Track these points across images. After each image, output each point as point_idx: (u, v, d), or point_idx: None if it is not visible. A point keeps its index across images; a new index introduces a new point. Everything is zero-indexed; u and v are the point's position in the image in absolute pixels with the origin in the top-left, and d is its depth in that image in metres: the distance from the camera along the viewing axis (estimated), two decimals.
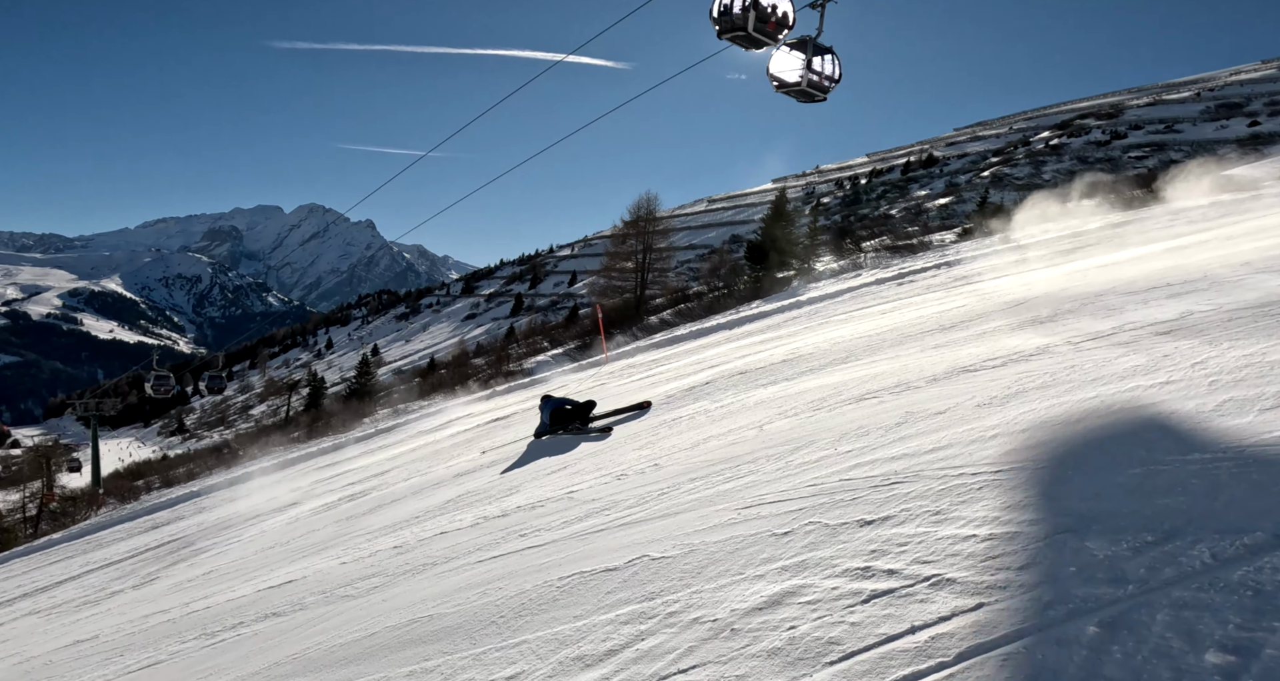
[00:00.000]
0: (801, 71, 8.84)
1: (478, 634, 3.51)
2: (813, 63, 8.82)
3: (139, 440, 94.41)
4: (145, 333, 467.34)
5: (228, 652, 4.88)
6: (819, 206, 69.10)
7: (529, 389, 17.45)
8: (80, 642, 6.73)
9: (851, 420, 5.16)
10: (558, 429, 9.09)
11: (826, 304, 15.79)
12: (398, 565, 5.58)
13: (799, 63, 8.82)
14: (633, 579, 3.47)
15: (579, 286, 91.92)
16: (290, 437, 29.31)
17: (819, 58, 8.87)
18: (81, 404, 35.69)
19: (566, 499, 5.75)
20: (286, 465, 17.87)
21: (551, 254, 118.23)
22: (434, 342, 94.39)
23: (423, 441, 14.29)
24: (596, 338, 24.42)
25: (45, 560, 14.76)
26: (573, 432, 8.86)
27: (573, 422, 8.99)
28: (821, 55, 8.90)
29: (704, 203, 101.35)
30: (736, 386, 8.70)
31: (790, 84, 9.01)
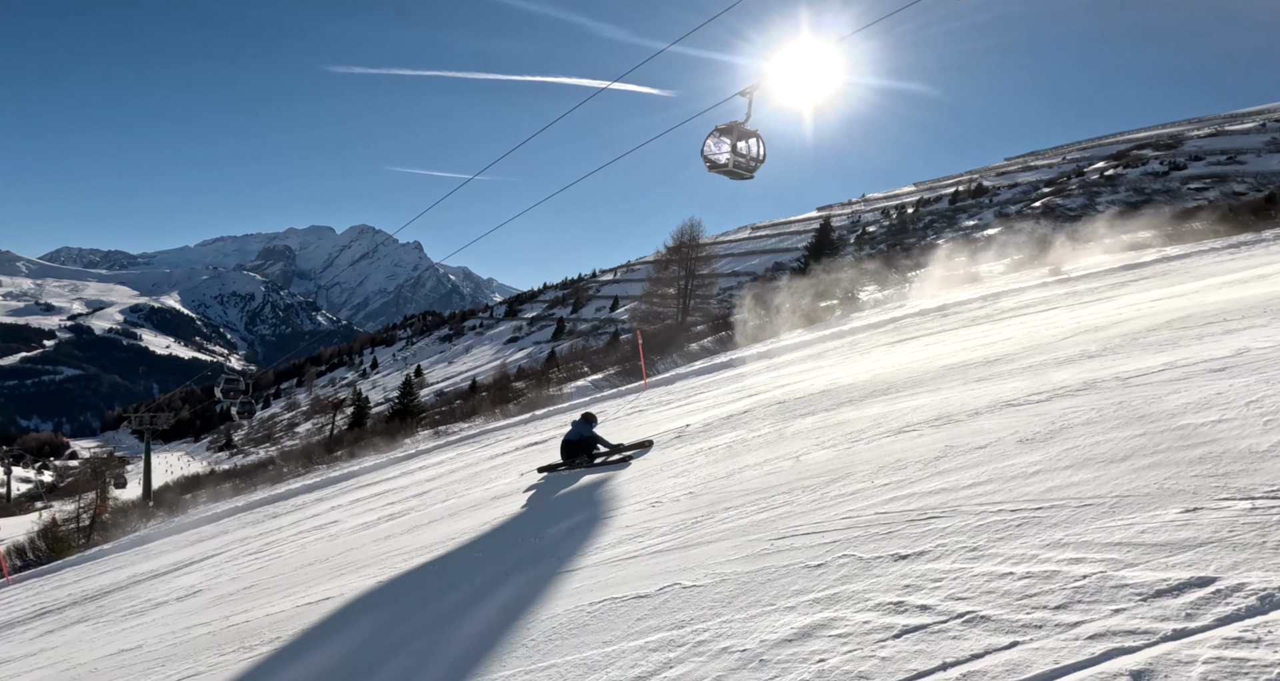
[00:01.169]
0: (728, 155, 9.73)
1: (507, 656, 3.54)
2: (738, 146, 9.73)
3: (189, 454, 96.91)
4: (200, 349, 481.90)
5: (265, 666, 4.96)
6: (864, 235, 68.60)
7: (568, 414, 17.53)
8: (125, 651, 6.89)
9: (889, 453, 5.11)
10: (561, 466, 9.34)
11: (868, 334, 15.64)
12: (432, 585, 5.63)
13: (726, 146, 9.73)
14: (663, 606, 3.47)
15: (620, 311, 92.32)
16: (333, 456, 29.83)
17: (744, 142, 9.78)
18: (137, 417, 36.85)
19: (601, 523, 5.77)
20: (328, 483, 18.17)
21: (594, 278, 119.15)
22: (476, 365, 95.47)
23: (461, 463, 14.43)
24: (636, 363, 24.49)
25: (96, 569, 15.19)
26: (579, 467, 9.09)
27: (578, 457, 9.26)
28: (746, 139, 9.80)
29: (747, 230, 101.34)
30: (774, 416, 8.65)
31: (719, 164, 9.88)
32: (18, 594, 14.60)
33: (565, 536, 5.80)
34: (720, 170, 9.95)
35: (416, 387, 63.39)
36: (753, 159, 9.94)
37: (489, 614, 4.34)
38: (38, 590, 14.44)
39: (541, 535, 6.12)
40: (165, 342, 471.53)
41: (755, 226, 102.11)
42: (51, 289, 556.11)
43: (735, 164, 9.80)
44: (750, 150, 9.85)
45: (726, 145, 9.75)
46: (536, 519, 6.97)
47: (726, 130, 9.74)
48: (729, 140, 9.73)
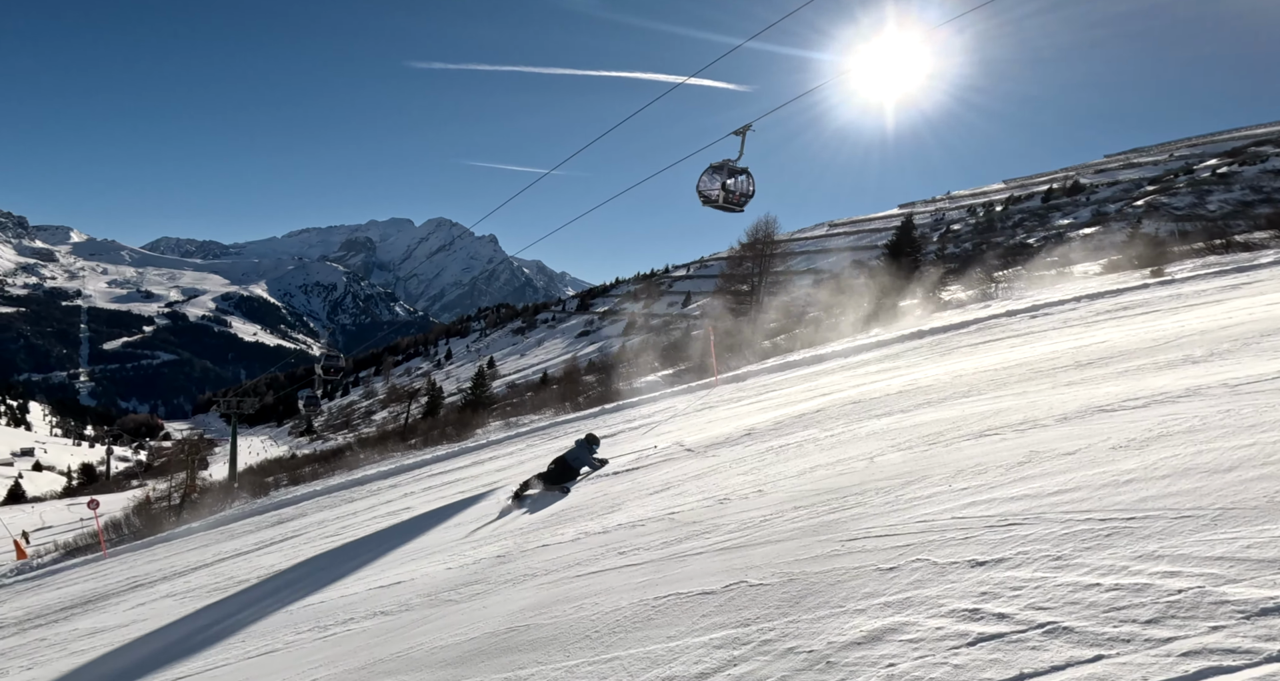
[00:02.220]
0: (718, 191, 10.63)
1: (571, 647, 3.58)
2: (727, 183, 10.59)
3: (271, 438, 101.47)
4: (284, 337, 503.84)
5: (337, 646, 5.15)
6: (948, 233, 66.45)
7: (637, 408, 17.62)
8: (208, 625, 7.28)
9: (969, 456, 4.95)
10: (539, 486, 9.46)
11: (951, 335, 15.19)
12: (499, 574, 5.75)
13: (718, 182, 10.62)
14: (729, 604, 3.46)
15: (693, 307, 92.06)
16: (407, 444, 30.72)
17: (733, 178, 10.62)
18: (225, 402, 38.75)
19: (667, 519, 5.78)
20: (402, 471, 18.74)
21: (667, 274, 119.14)
22: (547, 357, 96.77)
23: (531, 455, 14.68)
24: (707, 359, 24.38)
25: (184, 547, 16.07)
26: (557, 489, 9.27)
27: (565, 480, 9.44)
28: (736, 176, 10.63)
29: (825, 227, 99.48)
30: (848, 415, 8.50)
31: (711, 199, 10.76)
32: (113, 567, 15.57)
33: (631, 529, 5.83)
34: (712, 204, 10.79)
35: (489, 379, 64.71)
36: (742, 194, 10.75)
37: (554, 604, 4.40)
38: (131, 564, 15.38)
39: (606, 528, 6.17)
40: (253, 330, 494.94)
41: (833, 223, 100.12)
42: (151, 277, 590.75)
43: (726, 198, 10.65)
44: (739, 186, 10.66)
45: (718, 182, 10.59)
46: (602, 511, 7.03)
47: (719, 168, 10.58)
48: (720, 177, 10.56)
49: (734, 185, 10.65)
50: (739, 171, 10.64)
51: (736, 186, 10.68)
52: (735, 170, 10.61)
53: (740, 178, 10.69)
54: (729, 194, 10.66)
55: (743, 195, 10.82)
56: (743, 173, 10.69)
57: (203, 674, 5.40)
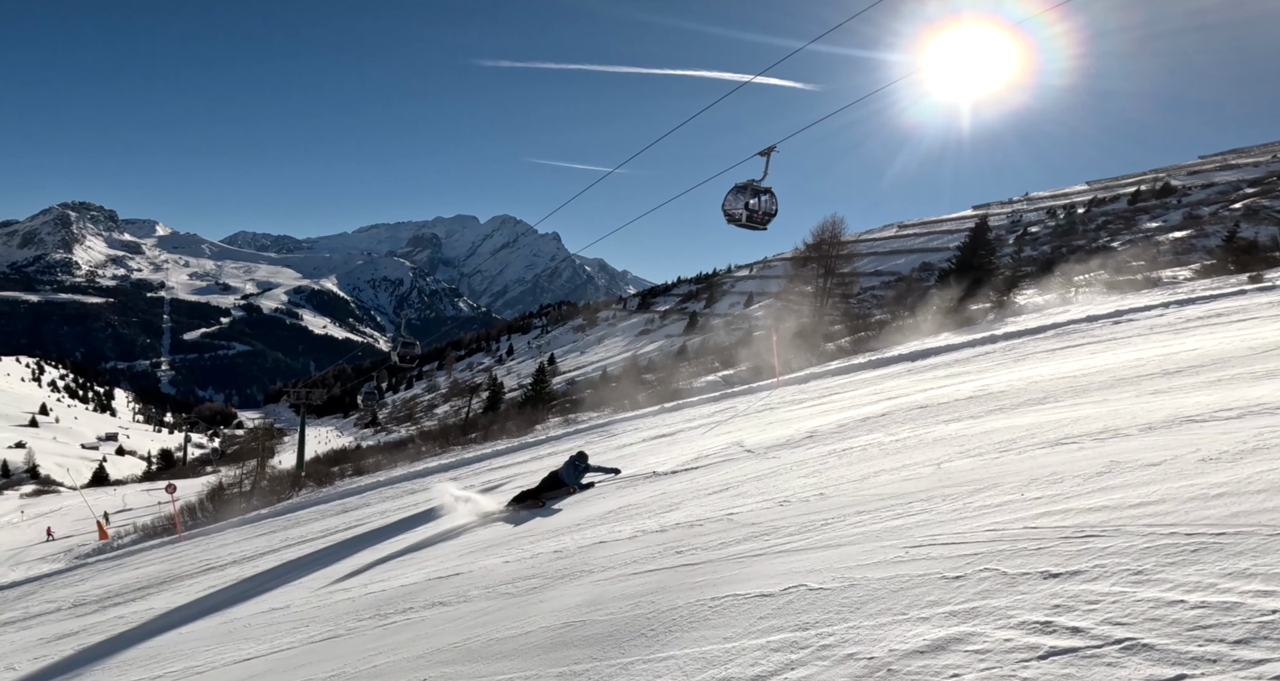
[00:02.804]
0: (742, 210, 11.07)
1: (627, 644, 3.59)
2: (750, 203, 11.02)
3: (338, 429, 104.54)
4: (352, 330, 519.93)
5: (397, 634, 5.28)
6: (1025, 236, 64.19)
7: (696, 407, 17.58)
8: (274, 610, 7.53)
9: (1043, 465, 4.78)
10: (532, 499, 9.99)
11: (1026, 340, 14.71)
12: (556, 569, 5.81)
13: (741, 202, 11.06)
14: (787, 607, 3.42)
15: (755, 308, 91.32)
16: (468, 438, 31.29)
17: (756, 198, 11.05)
18: (295, 392, 40.16)
19: (726, 520, 5.75)
20: (462, 464, 19.10)
21: (729, 273, 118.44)
22: (607, 355, 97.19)
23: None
24: (769, 360, 24.16)
25: (254, 532, 16.70)
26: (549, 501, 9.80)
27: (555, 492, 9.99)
28: (759, 196, 11.07)
29: (894, 228, 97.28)
30: (915, 420, 8.31)
31: (735, 218, 11.23)
32: (188, 549, 16.28)
33: (688, 529, 5.82)
34: (736, 223, 11.30)
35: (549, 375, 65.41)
36: (765, 213, 11.23)
37: (610, 601, 4.42)
38: (204, 547, 16.05)
39: (664, 527, 6.17)
40: (322, 323, 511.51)
41: (902, 225, 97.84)
42: (229, 270, 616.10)
43: (749, 217, 11.15)
44: (762, 206, 11.13)
45: (742, 201, 11.07)
46: (660, 510, 7.03)
47: (743, 188, 11.06)
48: (744, 197, 11.05)
49: (756, 204, 11.09)
50: (762, 191, 11.10)
51: (759, 206, 11.12)
52: (759, 190, 11.07)
53: (764, 197, 11.14)
54: (752, 213, 11.13)
55: (766, 214, 11.28)
56: (766, 192, 11.14)
57: (268, 656, 5.59)
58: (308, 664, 5.03)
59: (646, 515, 7.00)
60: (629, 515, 7.29)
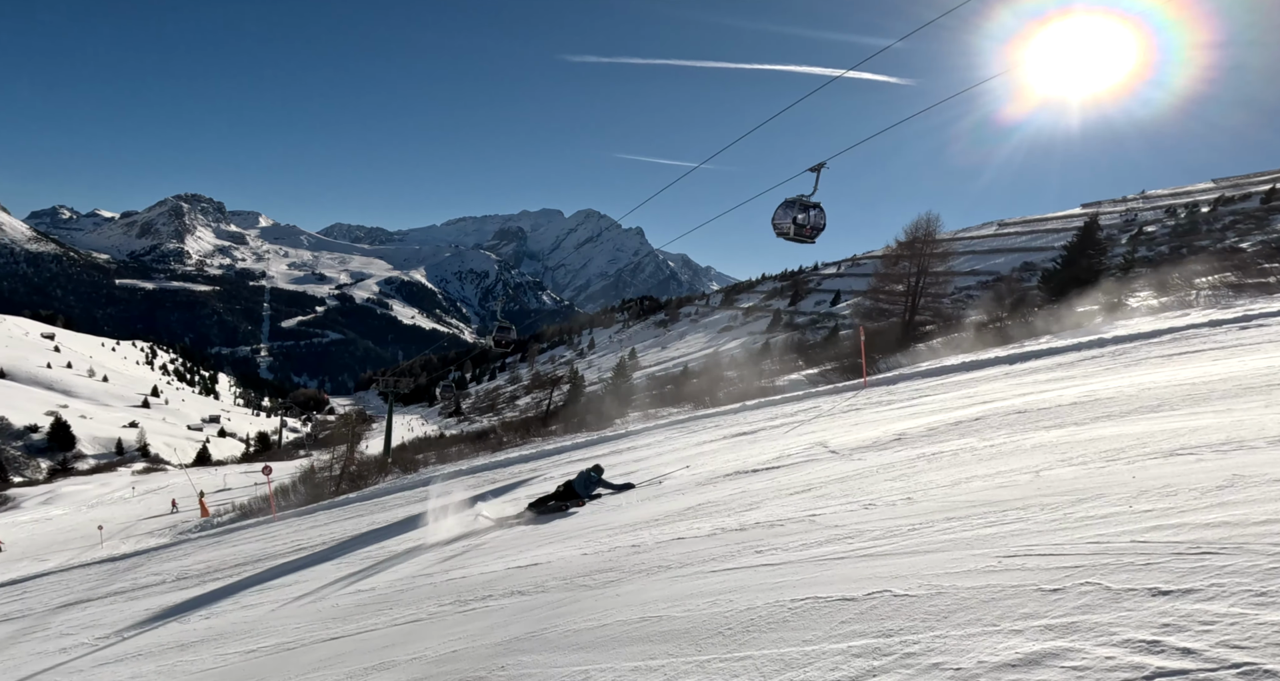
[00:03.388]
0: (790, 224, 11.53)
1: (703, 642, 3.57)
2: (798, 218, 11.48)
3: (423, 417, 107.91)
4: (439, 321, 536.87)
5: (476, 621, 5.40)
6: (1140, 235, 60.65)
7: (778, 406, 17.36)
8: (361, 592, 7.82)
9: (1156, 476, 4.51)
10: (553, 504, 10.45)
11: (1139, 345, 13.92)
12: (633, 563, 5.83)
13: (790, 217, 11.53)
14: (870, 612, 3.33)
15: (842, 306, 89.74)
16: (548, 430, 31.80)
17: (805, 213, 11.51)
18: (383, 381, 41.63)
19: (808, 521, 5.66)
20: (542, 456, 19.43)
21: (816, 271, 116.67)
22: (689, 351, 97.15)
23: (669, 448, 14.80)
24: (856, 360, 23.65)
25: (342, 515, 17.40)
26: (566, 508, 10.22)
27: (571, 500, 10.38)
28: (808, 211, 11.53)
29: (993, 226, 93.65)
30: (1012, 426, 7.98)
31: (784, 232, 11.64)
32: (281, 530, 17.10)
33: (768, 529, 5.75)
34: (785, 236, 11.71)
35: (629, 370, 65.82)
36: (813, 227, 11.66)
37: (687, 598, 4.41)
38: (296, 528, 16.82)
39: (744, 526, 6.12)
40: (411, 313, 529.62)
41: (1003, 223, 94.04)
42: (325, 260, 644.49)
43: (797, 232, 11.58)
44: (810, 220, 11.59)
45: (790, 216, 11.56)
46: (740, 508, 6.98)
47: (792, 203, 11.54)
48: (792, 212, 11.53)
49: (804, 219, 11.56)
50: (811, 206, 11.57)
51: (807, 220, 11.59)
52: (807, 205, 11.53)
53: (812, 212, 11.62)
54: (799, 227, 11.59)
55: (814, 228, 11.72)
56: (814, 207, 11.61)
57: (354, 636, 5.81)
58: (391, 645, 5.20)
59: (726, 513, 6.96)
60: (708, 512, 7.26)
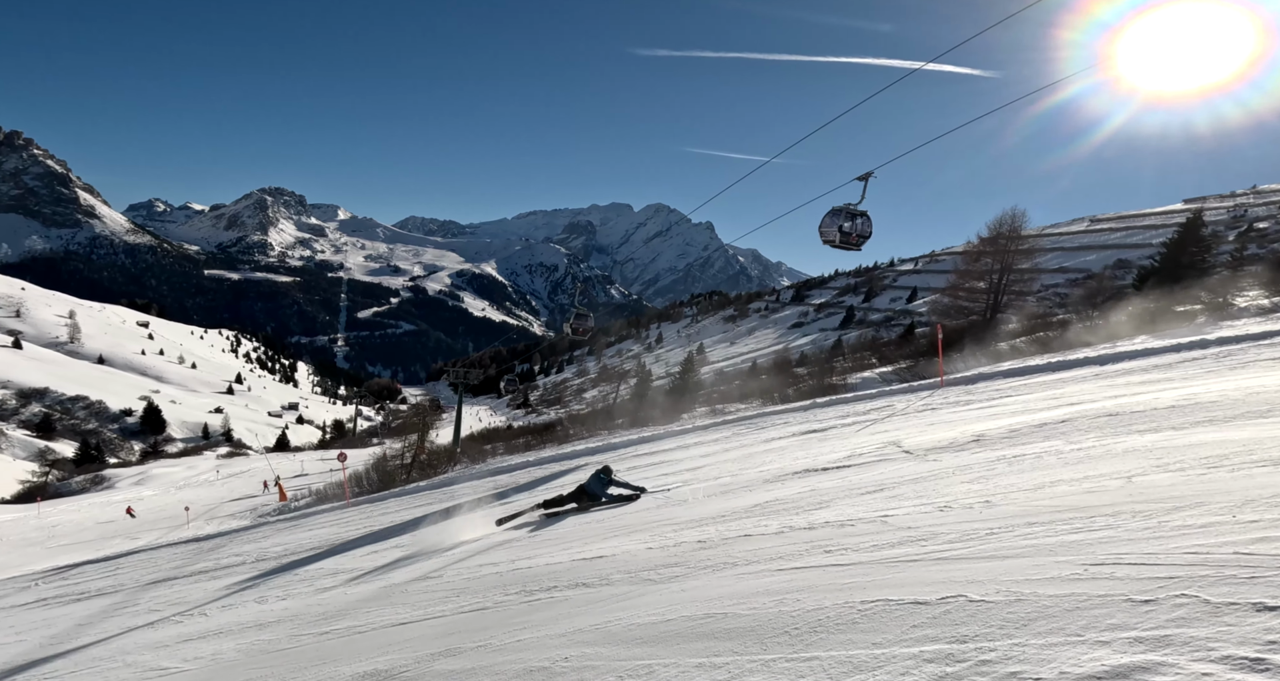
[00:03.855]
0: (835, 232, 11.87)
1: (769, 640, 3.53)
2: (844, 226, 11.81)
3: (491, 409, 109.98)
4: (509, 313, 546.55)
5: (540, 611, 5.46)
6: (1250, 232, 57.22)
7: (850, 404, 17.05)
8: (429, 578, 8.00)
9: (1263, 485, 4.25)
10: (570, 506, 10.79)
11: (1246, 346, 13.15)
12: (699, 559, 5.81)
13: (836, 225, 11.85)
14: (944, 617, 3.23)
15: (918, 303, 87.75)
16: (615, 423, 31.99)
17: (851, 221, 11.81)
18: (454, 371, 42.49)
19: (879, 522, 5.54)
20: (608, 449, 19.54)
21: (891, 267, 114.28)
22: (758, 347, 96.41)
23: (737, 444, 14.71)
24: (933, 359, 23.05)
25: (412, 502, 17.87)
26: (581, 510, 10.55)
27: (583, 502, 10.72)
28: (854, 219, 11.83)
29: (1085, 222, 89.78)
30: (1102, 429, 7.65)
31: (830, 240, 11.97)
32: (354, 515, 17.64)
33: (838, 529, 5.65)
34: (831, 244, 12.03)
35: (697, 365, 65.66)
36: (859, 235, 11.98)
37: (753, 596, 4.37)
38: (368, 514, 17.33)
39: (813, 525, 6.03)
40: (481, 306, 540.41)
41: (1095, 218, 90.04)
42: (399, 253, 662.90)
43: (843, 240, 11.90)
44: (857, 228, 11.89)
45: (836, 224, 11.89)
46: (809, 507, 6.88)
47: (839, 211, 11.86)
48: (839, 220, 11.85)
49: (850, 227, 11.88)
50: (857, 214, 11.87)
51: (854, 228, 11.91)
52: (854, 213, 11.84)
53: (859, 220, 11.91)
54: (845, 235, 11.91)
55: (860, 236, 12.03)
56: (861, 215, 11.90)
57: (422, 622, 5.94)
58: (457, 632, 5.30)
59: (794, 511, 6.87)
60: (775, 510, 7.18)
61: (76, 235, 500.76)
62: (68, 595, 13.11)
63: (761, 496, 8.17)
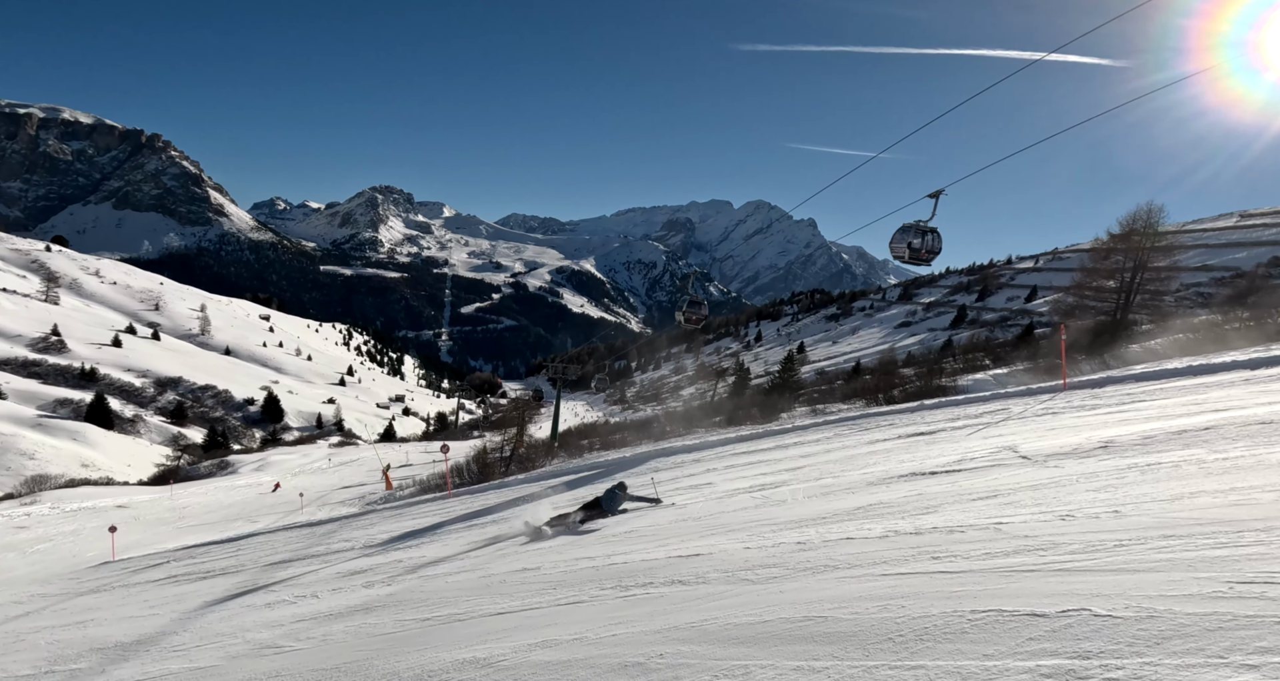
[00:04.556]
0: (904, 248, 12.32)
1: (871, 646, 3.42)
2: (913, 242, 12.23)
3: (588, 404, 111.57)
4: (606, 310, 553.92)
5: (636, 607, 5.47)
6: None
7: (961, 407, 16.40)
8: (526, 570, 8.14)
9: None
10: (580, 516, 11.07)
11: None
12: (798, 561, 5.70)
13: (906, 241, 12.30)
14: (1065, 631, 3.05)
15: (1038, 302, 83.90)
16: (712, 421, 31.86)
17: (920, 237, 12.23)
18: (552, 367, 43.23)
19: (992, 529, 5.29)
20: (705, 447, 19.45)
21: (1009, 265, 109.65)
22: (861, 347, 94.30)
23: (839, 445, 14.38)
24: (1054, 361, 21.92)
25: (510, 495, 18.28)
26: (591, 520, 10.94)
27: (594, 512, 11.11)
28: (924, 235, 12.23)
29: (1234, 217, 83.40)
30: (1253, 437, 7.07)
31: (900, 255, 12.45)
32: (455, 506, 18.21)
33: (947, 535, 5.43)
34: (901, 260, 12.52)
35: (797, 364, 64.71)
36: (929, 251, 12.38)
37: (855, 600, 4.25)
38: (468, 505, 17.84)
39: (919, 530, 5.82)
40: (580, 302, 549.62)
41: (1246, 213, 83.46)
42: (501, 250, 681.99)
43: (911, 255, 12.35)
44: (926, 244, 12.29)
45: (906, 241, 12.35)
46: (916, 511, 6.65)
47: (909, 228, 12.31)
48: (908, 237, 12.30)
49: (920, 244, 12.31)
50: (927, 231, 12.30)
51: (923, 244, 12.33)
52: (924, 230, 12.28)
53: (928, 236, 12.34)
54: (914, 251, 12.35)
55: (929, 252, 12.45)
56: (931, 232, 12.32)
57: (519, 612, 6.06)
58: (553, 624, 5.37)
59: (900, 515, 6.65)
60: (879, 513, 6.98)
61: (207, 232, 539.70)
62: (195, 572, 14.06)
63: (864, 499, 7.96)
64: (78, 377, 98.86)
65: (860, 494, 8.43)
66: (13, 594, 15.28)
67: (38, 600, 14.04)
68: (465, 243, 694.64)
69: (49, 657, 8.28)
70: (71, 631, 9.80)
